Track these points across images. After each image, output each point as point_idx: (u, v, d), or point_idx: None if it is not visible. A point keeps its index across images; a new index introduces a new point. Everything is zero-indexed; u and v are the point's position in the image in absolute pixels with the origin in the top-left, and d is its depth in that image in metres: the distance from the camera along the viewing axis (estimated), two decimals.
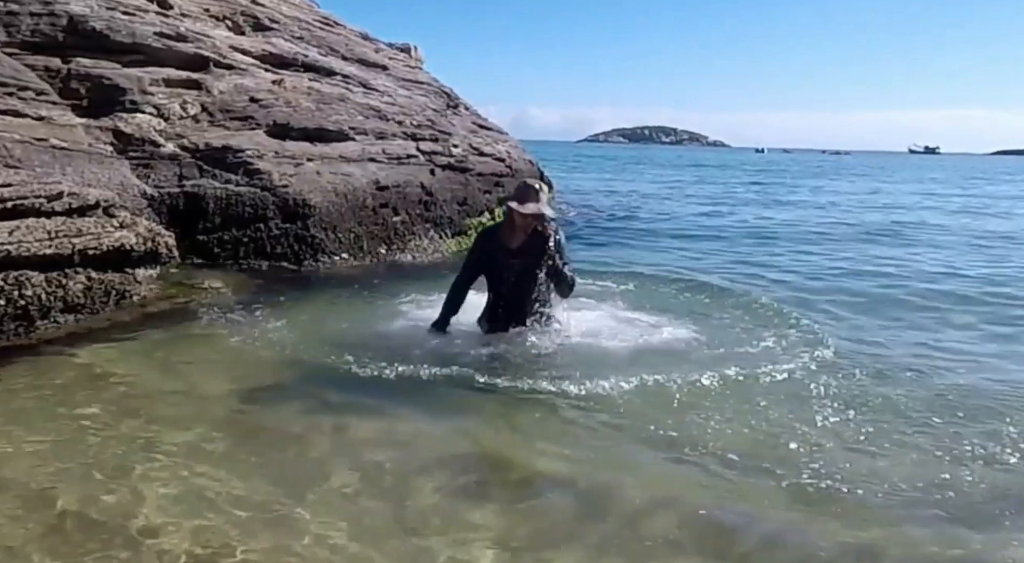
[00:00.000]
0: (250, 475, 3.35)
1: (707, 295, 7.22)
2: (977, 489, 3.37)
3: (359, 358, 4.84)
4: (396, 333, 5.53)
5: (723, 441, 3.76)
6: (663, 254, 10.82)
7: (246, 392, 4.43)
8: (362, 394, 4.41)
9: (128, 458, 3.48)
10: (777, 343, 5.43)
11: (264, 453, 3.62)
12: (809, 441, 3.79)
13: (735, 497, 3.25)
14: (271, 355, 5.20)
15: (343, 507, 3.09)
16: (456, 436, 3.93)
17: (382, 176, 9.50)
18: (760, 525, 3.02)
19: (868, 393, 4.56)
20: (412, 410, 4.16)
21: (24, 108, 6.83)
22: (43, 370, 4.67)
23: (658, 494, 3.24)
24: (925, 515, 3.13)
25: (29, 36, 7.89)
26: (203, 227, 7.53)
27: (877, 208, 20.77)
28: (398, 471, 3.42)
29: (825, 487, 3.31)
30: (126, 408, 4.13)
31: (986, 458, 3.68)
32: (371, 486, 3.29)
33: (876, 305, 7.31)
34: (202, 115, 8.51)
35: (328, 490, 3.24)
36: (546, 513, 3.13)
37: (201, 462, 3.46)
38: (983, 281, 8.85)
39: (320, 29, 12.29)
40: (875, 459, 3.64)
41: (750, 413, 4.13)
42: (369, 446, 3.74)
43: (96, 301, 5.69)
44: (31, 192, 5.44)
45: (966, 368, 5.24)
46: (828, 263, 10.22)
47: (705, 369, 4.67)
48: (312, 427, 3.95)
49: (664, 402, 4.25)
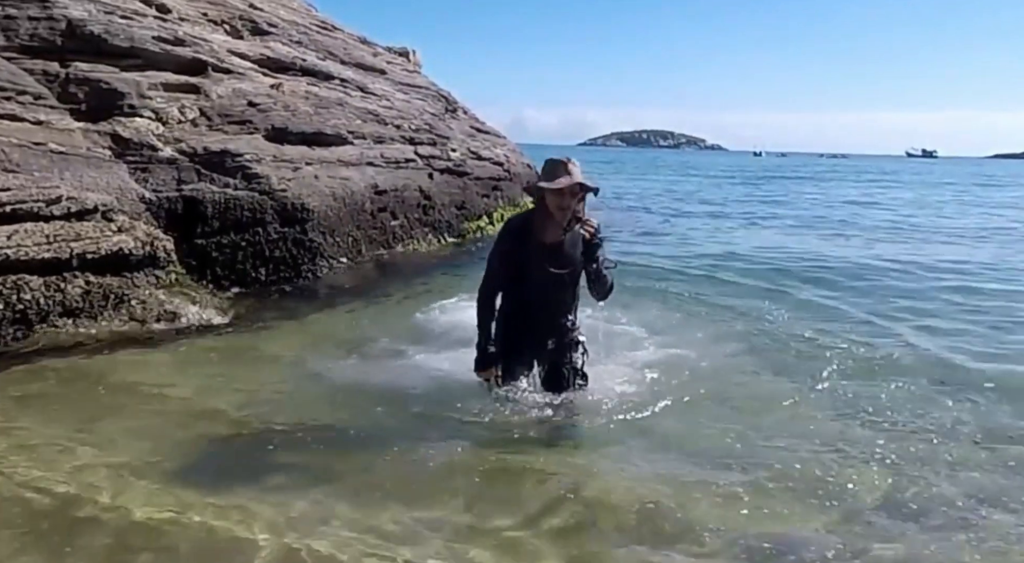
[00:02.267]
0: (240, 481, 3.33)
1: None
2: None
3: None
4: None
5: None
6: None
7: (245, 399, 4.42)
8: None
9: (124, 461, 3.48)
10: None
11: (257, 461, 3.61)
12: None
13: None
14: (270, 362, 5.20)
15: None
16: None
17: (380, 180, 9.50)
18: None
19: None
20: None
21: (22, 112, 6.82)
22: (40, 374, 4.66)
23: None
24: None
25: (27, 40, 7.87)
26: (201, 231, 7.51)
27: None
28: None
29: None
30: (124, 412, 4.13)
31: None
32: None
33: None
34: (200, 119, 8.49)
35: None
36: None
37: (185, 471, 3.44)
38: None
39: (318, 33, 12.30)
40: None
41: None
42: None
43: (95, 305, 5.68)
44: (29, 196, 5.44)
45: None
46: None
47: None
48: (306, 433, 3.95)
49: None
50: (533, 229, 4.04)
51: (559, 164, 3.91)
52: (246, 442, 3.82)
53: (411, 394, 4.44)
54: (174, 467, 3.46)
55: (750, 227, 15.90)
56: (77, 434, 3.78)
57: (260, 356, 5.33)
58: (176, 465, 3.49)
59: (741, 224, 16.44)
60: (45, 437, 3.73)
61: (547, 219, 3.95)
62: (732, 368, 5.23)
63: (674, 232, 14.21)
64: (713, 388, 4.73)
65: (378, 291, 7.36)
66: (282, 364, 5.14)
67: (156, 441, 3.74)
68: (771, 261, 10.49)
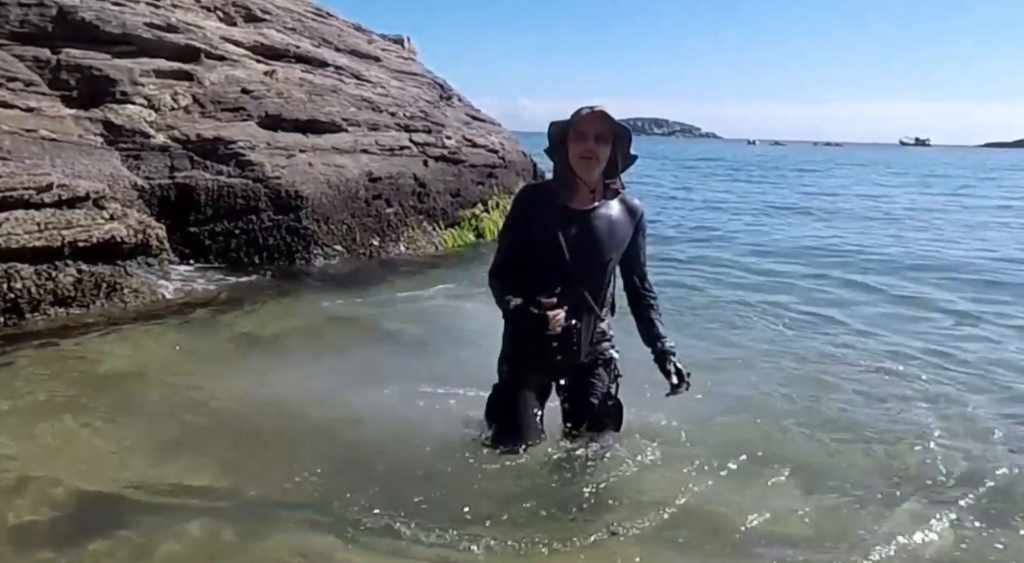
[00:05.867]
0: (238, 477, 3.31)
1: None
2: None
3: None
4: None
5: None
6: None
7: (235, 385, 4.40)
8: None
9: (112, 450, 3.47)
10: None
11: (250, 450, 3.59)
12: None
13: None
14: (264, 348, 5.18)
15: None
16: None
17: (375, 167, 9.46)
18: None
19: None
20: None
21: (13, 99, 6.78)
22: (34, 362, 4.64)
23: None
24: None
25: (18, 27, 7.81)
26: (194, 219, 7.49)
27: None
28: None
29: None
30: (114, 400, 4.11)
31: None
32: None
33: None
34: (193, 106, 8.45)
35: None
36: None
37: (183, 460, 3.42)
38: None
39: (312, 20, 12.22)
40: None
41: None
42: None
43: (87, 294, 5.65)
44: (20, 184, 5.40)
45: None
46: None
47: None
48: (305, 423, 3.93)
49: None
50: (559, 193, 3.02)
51: (580, 108, 2.95)
52: (237, 429, 3.80)
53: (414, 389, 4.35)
54: (166, 455, 3.45)
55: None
56: (64, 422, 3.76)
57: (253, 342, 5.31)
58: (167, 453, 3.47)
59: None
60: (30, 425, 3.71)
61: (571, 178, 2.97)
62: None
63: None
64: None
65: (377, 280, 7.34)
66: (277, 351, 5.12)
67: (144, 428, 3.73)
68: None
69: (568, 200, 3.00)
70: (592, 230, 3.00)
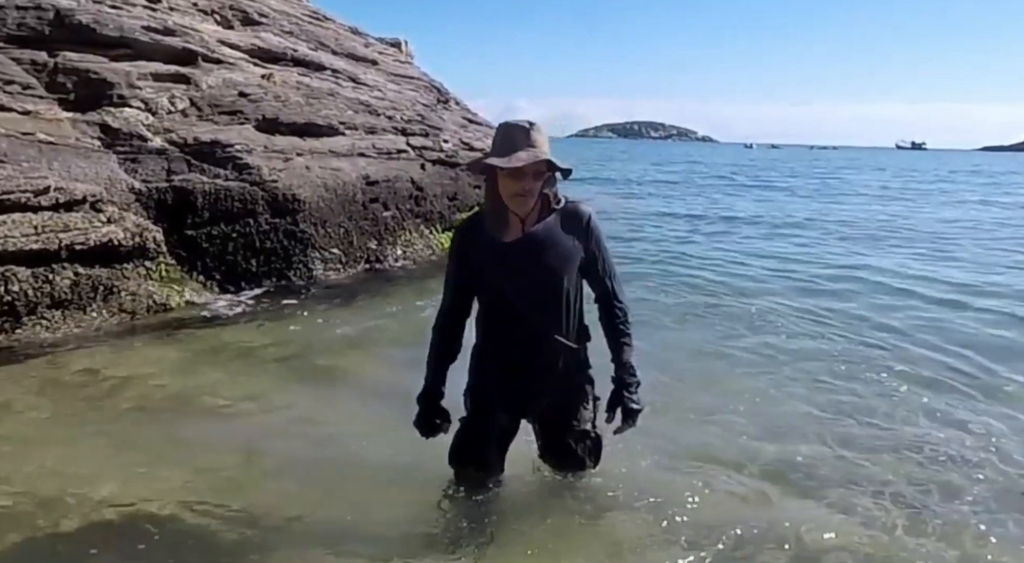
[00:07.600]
0: (233, 485, 3.31)
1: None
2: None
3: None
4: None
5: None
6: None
7: (237, 394, 4.40)
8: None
9: (111, 453, 3.47)
10: None
11: (247, 456, 3.59)
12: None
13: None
14: (263, 356, 5.18)
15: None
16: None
17: (372, 171, 9.46)
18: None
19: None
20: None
21: (10, 102, 6.77)
22: (29, 366, 4.64)
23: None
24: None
25: (15, 30, 7.79)
26: (191, 222, 7.47)
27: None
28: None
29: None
30: (111, 404, 4.11)
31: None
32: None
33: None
34: (190, 109, 8.44)
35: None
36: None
37: (183, 470, 3.41)
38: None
39: (309, 23, 12.23)
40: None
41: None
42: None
43: (83, 297, 5.65)
44: (17, 187, 5.40)
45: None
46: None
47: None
48: (304, 434, 3.93)
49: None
50: (488, 226, 2.76)
51: (516, 131, 2.63)
52: (234, 437, 3.80)
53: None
54: (164, 462, 3.45)
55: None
56: (61, 429, 3.76)
57: (252, 350, 5.31)
58: (165, 460, 3.47)
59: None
60: (28, 432, 3.71)
61: (503, 211, 2.71)
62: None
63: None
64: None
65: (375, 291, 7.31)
66: (277, 359, 5.12)
67: (141, 435, 3.73)
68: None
69: (500, 234, 2.73)
70: (530, 259, 2.71)
